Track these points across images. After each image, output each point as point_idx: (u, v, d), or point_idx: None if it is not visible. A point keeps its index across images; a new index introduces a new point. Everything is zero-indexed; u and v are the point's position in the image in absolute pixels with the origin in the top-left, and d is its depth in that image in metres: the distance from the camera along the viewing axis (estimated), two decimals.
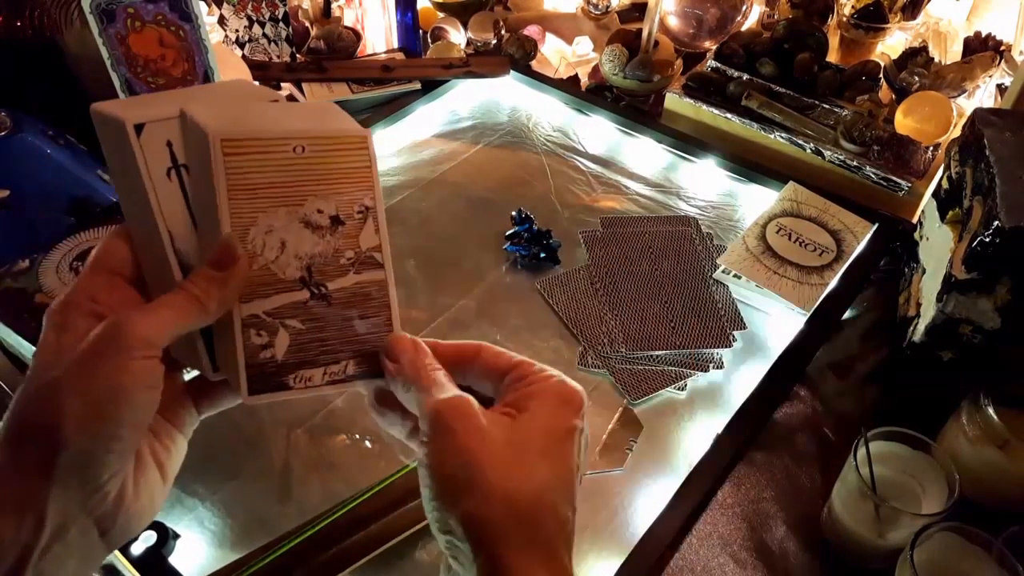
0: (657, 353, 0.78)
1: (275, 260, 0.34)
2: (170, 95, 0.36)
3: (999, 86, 1.09)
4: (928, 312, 0.71)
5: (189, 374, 0.38)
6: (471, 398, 0.34)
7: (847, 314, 0.84)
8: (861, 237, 0.88)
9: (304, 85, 1.13)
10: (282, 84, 1.16)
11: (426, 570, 0.62)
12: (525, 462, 0.32)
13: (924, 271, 0.77)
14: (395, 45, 1.26)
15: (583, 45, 1.28)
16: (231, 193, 0.33)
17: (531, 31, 1.27)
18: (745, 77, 1.08)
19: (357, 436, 0.71)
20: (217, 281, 0.33)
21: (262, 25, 1.16)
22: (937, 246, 0.75)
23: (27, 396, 0.31)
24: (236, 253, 0.33)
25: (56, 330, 0.32)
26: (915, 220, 0.90)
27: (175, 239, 0.34)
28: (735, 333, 0.81)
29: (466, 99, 1.16)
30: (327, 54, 1.19)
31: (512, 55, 1.20)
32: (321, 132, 0.34)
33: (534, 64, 1.23)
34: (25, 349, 0.68)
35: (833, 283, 0.84)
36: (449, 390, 0.34)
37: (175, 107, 0.34)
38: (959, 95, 1.08)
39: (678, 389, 0.76)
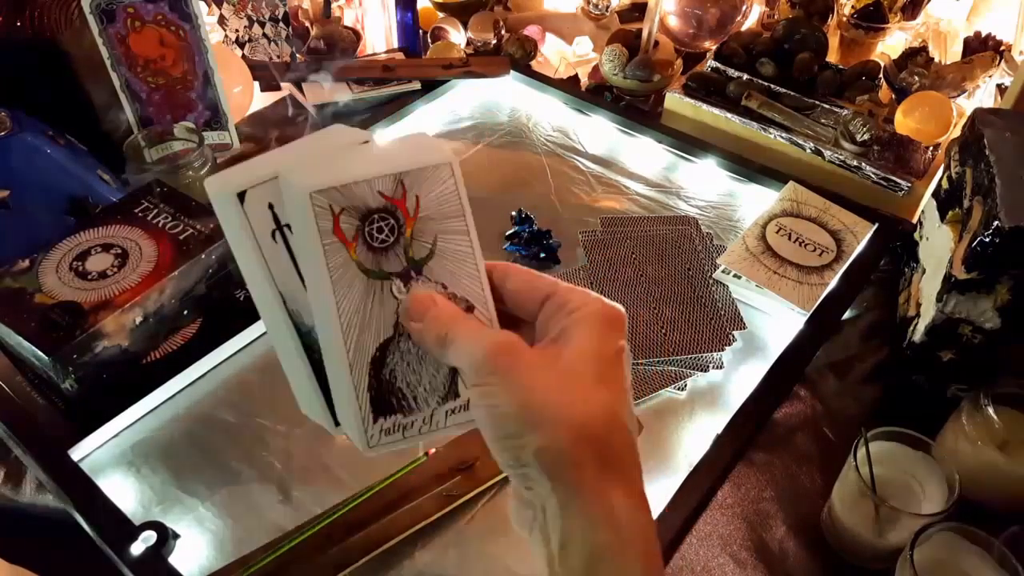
0: (659, 359, 0.78)
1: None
2: (269, 157, 0.35)
3: (999, 86, 1.09)
4: (928, 312, 0.71)
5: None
6: (516, 338, 0.33)
7: (847, 314, 0.84)
8: (861, 237, 0.88)
9: (304, 85, 1.13)
10: (282, 84, 1.16)
11: (426, 570, 0.62)
12: (584, 389, 0.32)
13: (924, 271, 0.77)
14: (395, 45, 1.26)
15: (583, 45, 1.28)
16: (328, 251, 0.33)
17: (531, 31, 1.27)
18: (745, 77, 1.08)
19: None
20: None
21: (262, 25, 1.16)
22: (937, 246, 0.75)
23: None
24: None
25: None
26: (915, 220, 0.90)
27: (287, 299, 0.35)
28: (735, 333, 0.81)
29: (466, 99, 1.16)
30: (327, 54, 1.19)
31: (512, 55, 1.20)
32: (404, 167, 0.34)
33: (534, 64, 1.23)
34: (25, 349, 0.68)
35: (833, 283, 0.84)
36: (487, 331, 0.34)
37: (273, 168, 0.34)
38: (959, 95, 1.08)
39: (678, 389, 0.76)
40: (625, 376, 0.34)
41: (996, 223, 0.62)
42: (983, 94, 1.10)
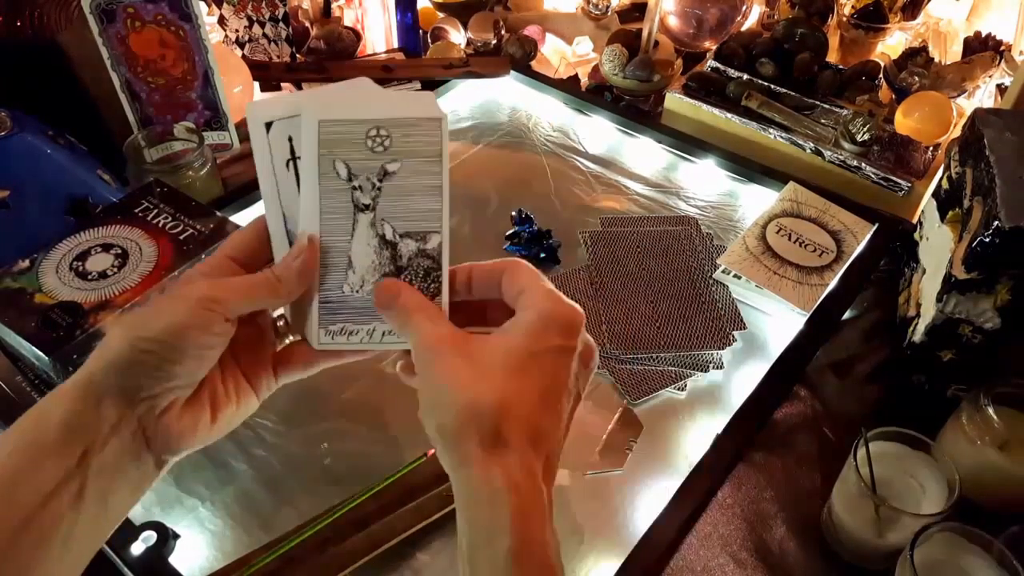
0: (657, 353, 0.78)
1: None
2: (300, 95, 0.41)
3: (999, 86, 1.09)
4: (928, 312, 0.71)
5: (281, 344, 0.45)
6: (448, 333, 0.39)
7: (847, 314, 0.84)
8: (861, 237, 0.88)
9: (304, 85, 1.13)
10: (282, 84, 1.16)
11: (426, 570, 0.62)
12: (488, 378, 0.36)
13: (924, 271, 0.77)
14: (395, 45, 1.26)
15: (583, 45, 1.28)
16: (324, 177, 0.39)
17: (531, 31, 1.27)
18: (745, 77, 1.08)
19: (357, 436, 0.71)
20: (291, 270, 0.39)
21: (262, 25, 1.16)
22: (937, 246, 0.75)
23: None
24: (306, 248, 0.40)
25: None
26: (915, 220, 0.90)
27: (287, 220, 0.41)
28: (735, 333, 0.81)
29: (466, 99, 1.16)
30: (327, 54, 1.19)
31: (512, 55, 1.20)
32: (401, 114, 0.39)
33: (534, 64, 1.23)
34: (25, 349, 0.68)
35: (833, 283, 0.84)
36: (429, 327, 0.39)
37: (300, 106, 0.40)
38: (959, 95, 1.08)
39: (678, 389, 0.76)
40: (554, 373, 0.38)
41: (996, 223, 0.62)
42: (983, 94, 1.10)
